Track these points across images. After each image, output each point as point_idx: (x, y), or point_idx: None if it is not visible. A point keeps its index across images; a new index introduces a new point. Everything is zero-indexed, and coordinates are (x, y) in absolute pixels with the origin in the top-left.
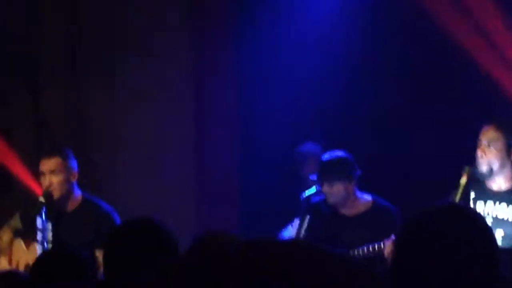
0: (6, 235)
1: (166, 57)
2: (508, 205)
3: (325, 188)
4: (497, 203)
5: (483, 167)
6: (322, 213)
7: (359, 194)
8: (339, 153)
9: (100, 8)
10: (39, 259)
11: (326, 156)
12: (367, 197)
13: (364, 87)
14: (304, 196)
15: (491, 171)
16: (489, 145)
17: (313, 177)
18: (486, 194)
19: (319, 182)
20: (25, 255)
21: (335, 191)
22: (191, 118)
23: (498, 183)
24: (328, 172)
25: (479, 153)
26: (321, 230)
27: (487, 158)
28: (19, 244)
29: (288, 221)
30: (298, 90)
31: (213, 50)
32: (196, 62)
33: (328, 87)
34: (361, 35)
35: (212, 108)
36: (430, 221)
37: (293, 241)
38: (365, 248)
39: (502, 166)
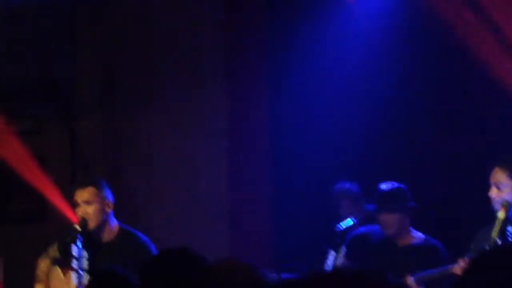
0: (44, 264)
1: (202, 87)
2: None
3: (384, 218)
4: None
5: (498, 207)
6: (371, 243)
7: (411, 228)
8: (399, 185)
9: (136, 36)
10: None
11: (385, 186)
12: (420, 234)
13: (401, 118)
14: (340, 228)
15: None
16: (497, 187)
17: (370, 207)
18: None
19: (378, 212)
20: (61, 283)
21: (394, 221)
22: (225, 151)
23: None
24: (389, 202)
25: (491, 195)
26: (370, 259)
27: (499, 198)
28: (56, 272)
29: (322, 254)
30: (332, 128)
31: (248, 85)
32: (231, 93)
33: (365, 124)
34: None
35: (246, 142)
36: (495, 261)
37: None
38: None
39: None
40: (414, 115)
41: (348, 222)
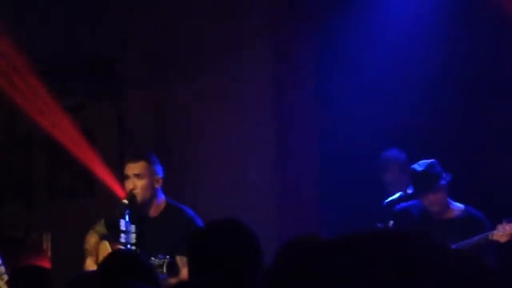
0: (93, 239)
1: (247, 62)
2: None
3: (426, 198)
4: None
5: None
6: (413, 217)
7: (450, 200)
8: (431, 162)
9: (181, 10)
10: (105, 260)
11: (419, 167)
12: (460, 205)
13: (449, 100)
14: (387, 202)
15: None
16: None
17: (411, 189)
18: None
19: (418, 194)
20: None
21: (437, 199)
22: (272, 124)
23: None
24: (426, 183)
25: None
26: None
27: None
28: (105, 246)
29: (370, 228)
30: (380, 100)
31: (294, 58)
32: (277, 68)
33: (413, 99)
34: (447, 50)
35: (292, 114)
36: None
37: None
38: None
39: None
40: (459, 95)
41: (395, 195)
